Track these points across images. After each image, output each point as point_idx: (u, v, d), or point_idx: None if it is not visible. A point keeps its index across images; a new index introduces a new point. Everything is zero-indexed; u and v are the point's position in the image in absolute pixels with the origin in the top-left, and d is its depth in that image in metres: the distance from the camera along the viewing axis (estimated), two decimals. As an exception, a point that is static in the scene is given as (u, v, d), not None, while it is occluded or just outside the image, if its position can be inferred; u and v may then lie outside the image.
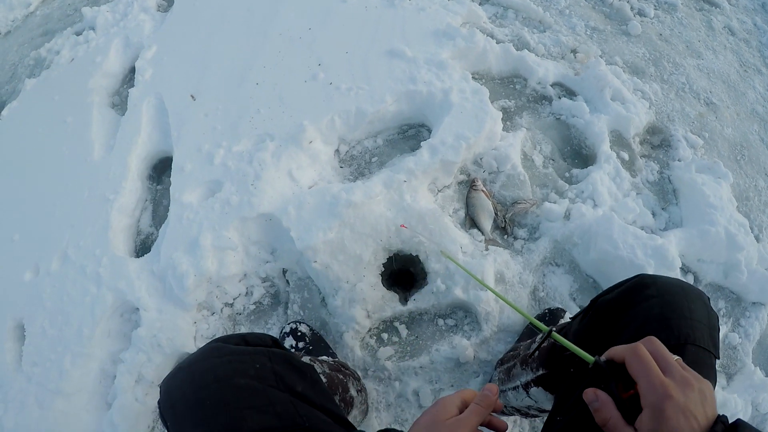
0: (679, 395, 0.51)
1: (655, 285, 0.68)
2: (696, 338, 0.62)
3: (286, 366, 0.69)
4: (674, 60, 2.07)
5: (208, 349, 0.68)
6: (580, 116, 1.72)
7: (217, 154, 1.57)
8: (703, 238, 1.48)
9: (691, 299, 0.66)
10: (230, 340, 0.71)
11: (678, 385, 0.52)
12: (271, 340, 0.75)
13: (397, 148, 1.63)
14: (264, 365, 0.67)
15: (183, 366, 0.67)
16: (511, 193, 1.53)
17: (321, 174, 1.51)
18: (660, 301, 0.66)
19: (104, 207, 1.62)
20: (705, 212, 1.53)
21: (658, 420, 0.51)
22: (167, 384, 0.66)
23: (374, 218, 1.38)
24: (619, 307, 0.70)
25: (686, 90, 1.98)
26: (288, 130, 1.55)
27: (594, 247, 1.41)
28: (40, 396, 1.35)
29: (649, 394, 0.52)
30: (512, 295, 1.39)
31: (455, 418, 0.58)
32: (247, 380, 0.63)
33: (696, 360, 0.61)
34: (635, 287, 0.70)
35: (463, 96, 1.59)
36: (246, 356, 0.67)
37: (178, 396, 0.64)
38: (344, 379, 1.06)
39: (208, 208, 1.49)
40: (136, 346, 1.37)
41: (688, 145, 1.77)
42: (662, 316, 0.64)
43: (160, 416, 0.66)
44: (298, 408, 0.65)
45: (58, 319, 1.45)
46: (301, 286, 1.43)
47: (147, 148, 1.75)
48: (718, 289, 1.53)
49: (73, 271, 1.51)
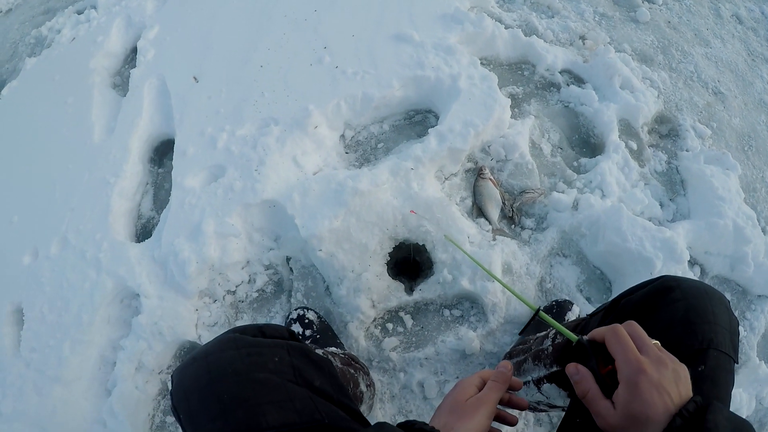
0: (653, 371, 0.53)
1: (680, 288, 0.67)
2: (718, 343, 0.62)
3: (305, 360, 0.66)
4: (682, 48, 1.99)
5: (225, 340, 0.64)
6: (588, 104, 1.65)
7: (220, 138, 1.50)
8: (711, 231, 1.43)
9: (714, 303, 0.65)
10: (247, 331, 0.67)
11: (653, 362, 0.54)
12: (288, 332, 0.71)
13: (403, 134, 1.56)
14: (283, 359, 0.63)
15: (198, 357, 0.63)
16: (518, 182, 1.47)
17: (326, 160, 1.44)
18: (685, 304, 0.65)
19: (104, 190, 1.55)
20: (713, 204, 1.48)
21: (632, 393, 0.53)
22: (181, 374, 0.62)
23: (380, 206, 1.32)
24: (644, 309, 0.68)
25: (694, 79, 1.90)
26: (293, 114, 1.47)
27: (602, 238, 1.35)
28: (39, 383, 1.30)
29: (624, 368, 0.55)
30: (519, 287, 1.34)
31: (475, 397, 0.60)
32: (266, 374, 0.60)
33: (717, 364, 0.61)
34: (660, 290, 0.68)
35: (471, 82, 1.51)
36: (265, 348, 0.63)
37: (193, 387, 0.60)
38: (355, 373, 1.01)
39: (211, 194, 1.43)
40: (136, 334, 1.32)
41: (696, 135, 1.71)
42: (687, 320, 0.63)
43: (171, 408, 0.62)
44: (317, 404, 0.62)
45: (58, 305, 1.40)
46: (305, 275, 1.38)
47: (148, 130, 1.68)
48: (723, 282, 1.48)
49: (73, 256, 1.46)
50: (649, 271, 1.29)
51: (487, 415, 0.60)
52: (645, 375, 0.53)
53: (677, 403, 0.52)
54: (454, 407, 0.60)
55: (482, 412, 0.59)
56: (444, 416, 0.60)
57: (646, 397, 0.52)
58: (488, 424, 0.60)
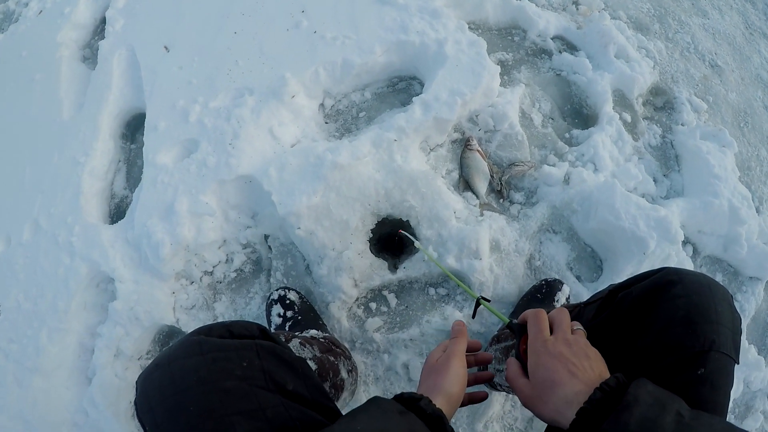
0: (556, 345, 0.56)
1: (682, 284, 0.59)
2: (720, 344, 0.56)
3: (276, 362, 0.58)
4: (679, 18, 1.80)
5: (189, 344, 0.56)
6: (582, 73, 1.48)
7: (192, 111, 1.32)
8: (706, 210, 1.30)
9: (717, 300, 0.58)
10: (213, 332, 0.59)
11: (558, 339, 0.57)
12: (258, 329, 0.63)
13: (386, 102, 1.38)
14: (252, 362, 0.56)
15: (161, 363, 0.55)
16: (508, 153, 1.32)
17: (304, 131, 1.28)
18: (686, 302, 0.58)
19: (75, 171, 1.39)
20: (709, 182, 1.35)
21: (536, 362, 0.56)
22: (144, 384, 0.55)
23: (362, 181, 1.16)
24: (643, 305, 0.61)
25: (691, 50, 1.73)
26: (268, 83, 1.29)
27: (594, 215, 1.22)
28: (19, 374, 1.20)
29: (531, 344, 0.59)
30: (508, 264, 1.21)
31: (442, 356, 0.63)
32: (234, 382, 0.53)
33: (717, 367, 0.55)
34: (660, 284, 0.60)
35: (458, 48, 1.33)
36: (232, 352, 0.56)
37: (157, 399, 0.53)
38: (335, 361, 0.90)
39: (184, 170, 1.27)
40: (113, 320, 1.19)
41: (692, 109, 1.55)
42: (688, 320, 0.56)
43: (137, 418, 0.55)
44: (289, 410, 0.55)
45: (33, 292, 1.27)
46: (284, 253, 1.24)
47: (119, 105, 1.49)
48: (716, 262, 1.37)
49: (45, 241, 1.31)
50: (642, 251, 1.17)
51: (460, 364, 0.62)
52: (546, 346, 0.57)
53: (593, 377, 0.53)
54: (429, 370, 0.62)
55: (454, 363, 0.61)
56: (424, 382, 0.62)
57: (549, 365, 0.55)
58: (464, 372, 0.61)
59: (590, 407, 0.49)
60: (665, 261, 1.21)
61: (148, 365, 0.57)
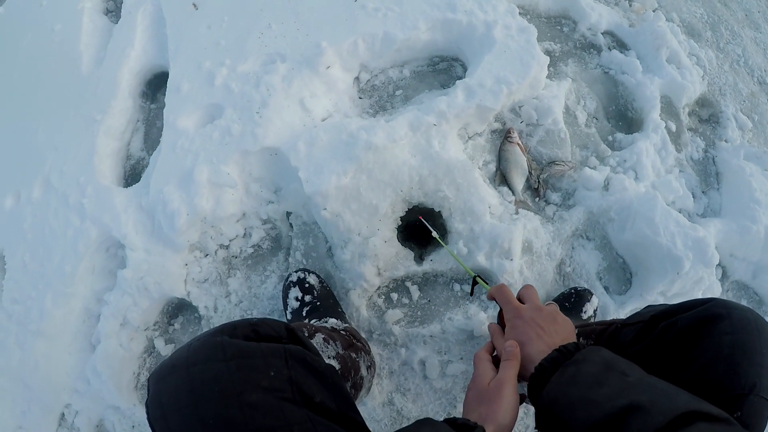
0: (528, 312, 0.63)
1: (730, 319, 0.56)
2: (761, 387, 0.52)
3: (305, 371, 0.52)
4: (732, 28, 1.67)
5: (210, 346, 0.49)
6: (631, 74, 1.35)
7: (219, 74, 1.20)
8: (742, 235, 1.21)
9: (764, 341, 0.54)
10: (237, 332, 0.52)
11: (529, 308, 0.64)
12: (286, 330, 0.57)
13: (425, 82, 1.26)
14: (279, 372, 0.50)
15: (178, 365, 0.48)
16: (548, 150, 1.21)
17: (337, 105, 1.16)
18: (732, 340, 0.54)
19: (90, 128, 1.28)
20: (748, 206, 1.25)
21: (511, 327, 0.63)
22: (158, 386, 0.48)
23: (396, 165, 1.06)
24: (688, 337, 0.57)
25: (741, 63, 1.60)
26: (303, 51, 1.17)
27: (631, 226, 1.12)
28: (21, 336, 1.13)
29: (506, 313, 0.66)
30: (538, 268, 1.11)
31: (495, 379, 0.58)
32: (260, 394, 0.47)
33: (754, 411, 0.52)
34: (707, 318, 0.57)
35: (507, 33, 1.21)
36: (258, 360, 0.49)
37: (172, 406, 0.46)
38: (356, 357, 0.82)
39: (206, 137, 1.16)
40: (121, 288, 1.10)
41: (737, 126, 1.44)
42: (732, 360, 0.53)
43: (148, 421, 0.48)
44: (316, 426, 0.49)
45: (40, 253, 1.18)
46: (306, 232, 1.14)
47: (141, 62, 1.37)
48: (742, 288, 1.28)
49: (56, 200, 1.22)
50: (676, 270, 1.08)
51: (513, 392, 0.58)
52: (519, 313, 0.64)
53: (557, 340, 0.59)
54: (481, 395, 0.57)
55: (507, 391, 0.56)
56: (476, 408, 0.57)
57: (520, 328, 0.61)
58: (517, 401, 0.57)
59: (546, 364, 0.55)
60: (697, 283, 1.13)
61: (163, 362, 0.49)
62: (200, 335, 0.53)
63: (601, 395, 0.47)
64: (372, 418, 1.02)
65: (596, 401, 0.47)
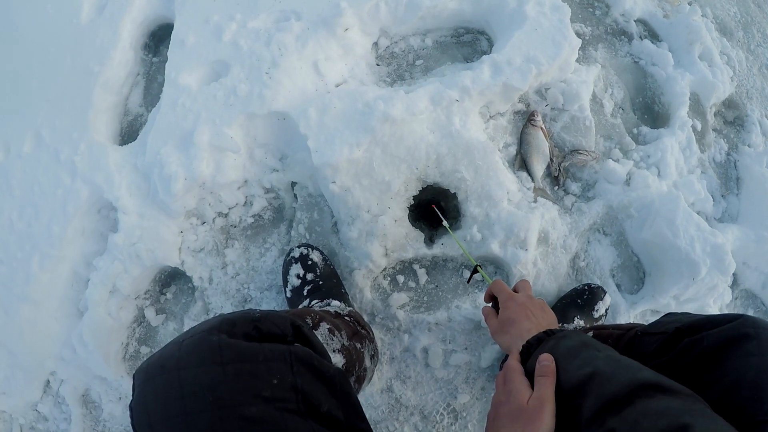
0: (519, 298, 0.69)
1: (758, 340, 0.51)
2: None
3: (311, 377, 0.45)
4: (764, 30, 1.57)
5: (206, 346, 0.42)
6: (662, 67, 1.26)
7: (227, 29, 1.09)
8: (758, 245, 1.15)
9: None
10: (236, 329, 0.44)
11: (522, 295, 0.71)
12: (291, 326, 0.49)
13: (447, 54, 1.15)
14: (283, 380, 0.43)
15: (168, 366, 0.41)
16: (572, 138, 1.12)
17: (353, 70, 1.05)
18: (759, 362, 0.50)
19: (87, 80, 1.17)
20: (767, 216, 1.18)
21: (504, 308, 0.69)
22: (144, 389, 0.41)
23: (413, 140, 0.96)
24: (713, 357, 0.53)
25: (770, 67, 1.51)
26: (320, 10, 1.06)
27: (651, 225, 1.04)
28: (6, 300, 1.04)
29: (500, 299, 0.71)
30: (552, 260, 1.03)
31: (534, 397, 0.53)
32: (260, 407, 0.41)
33: None
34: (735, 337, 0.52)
35: (540, 10, 1.10)
36: (260, 364, 0.43)
37: (159, 415, 0.40)
38: (361, 348, 0.74)
39: (210, 96, 1.05)
40: (111, 254, 1.01)
41: (761, 132, 1.35)
42: (756, 384, 0.49)
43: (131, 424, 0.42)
44: None
45: (28, 212, 1.08)
46: (311, 204, 1.04)
47: (144, 11, 1.24)
48: (750, 297, 1.22)
49: (47, 156, 1.12)
50: (692, 275, 1.02)
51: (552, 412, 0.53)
52: (512, 298, 0.69)
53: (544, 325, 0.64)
54: (518, 414, 0.52)
55: (547, 413, 0.51)
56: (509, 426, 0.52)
57: (513, 309, 0.67)
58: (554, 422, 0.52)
59: (533, 341, 0.59)
60: (711, 290, 1.06)
61: (150, 359, 0.41)
62: (194, 330, 0.44)
63: (572, 365, 0.50)
64: (369, 404, 0.95)
65: (566, 369, 0.50)
